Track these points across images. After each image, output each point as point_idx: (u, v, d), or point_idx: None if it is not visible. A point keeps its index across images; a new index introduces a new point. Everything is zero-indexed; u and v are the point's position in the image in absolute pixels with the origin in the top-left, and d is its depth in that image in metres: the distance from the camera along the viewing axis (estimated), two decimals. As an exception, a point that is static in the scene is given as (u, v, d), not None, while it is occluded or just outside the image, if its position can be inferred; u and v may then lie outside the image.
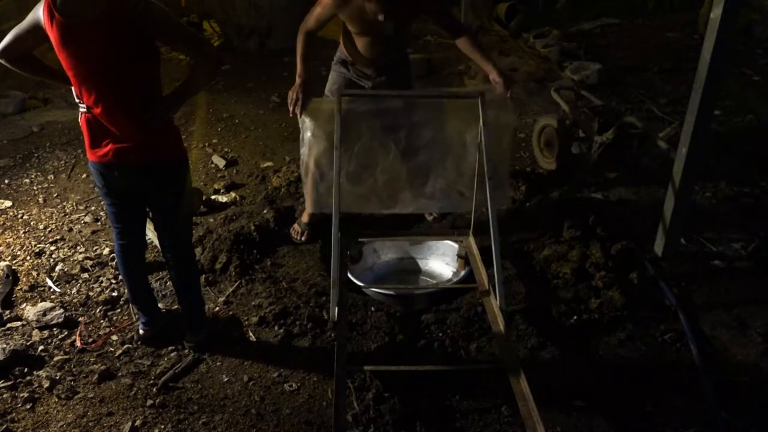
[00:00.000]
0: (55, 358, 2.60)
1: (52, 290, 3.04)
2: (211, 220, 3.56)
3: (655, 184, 3.75)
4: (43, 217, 3.69)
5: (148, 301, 2.66)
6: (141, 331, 2.67)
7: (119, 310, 2.89)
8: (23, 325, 2.79)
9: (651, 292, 2.92)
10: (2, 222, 3.65)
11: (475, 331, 2.66)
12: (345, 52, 3.02)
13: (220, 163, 4.33)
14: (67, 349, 2.66)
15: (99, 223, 3.62)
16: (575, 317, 2.74)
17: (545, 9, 8.21)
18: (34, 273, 3.17)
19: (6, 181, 4.13)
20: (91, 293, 3.00)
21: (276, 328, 2.71)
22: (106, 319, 2.84)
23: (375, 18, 2.63)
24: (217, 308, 2.88)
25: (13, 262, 3.26)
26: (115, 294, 2.98)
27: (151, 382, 2.47)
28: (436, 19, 2.97)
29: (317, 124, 2.77)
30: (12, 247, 3.39)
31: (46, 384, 2.45)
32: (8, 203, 3.85)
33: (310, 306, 2.82)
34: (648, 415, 2.31)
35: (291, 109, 2.78)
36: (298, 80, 2.81)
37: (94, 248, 3.37)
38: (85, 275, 3.13)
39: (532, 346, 2.59)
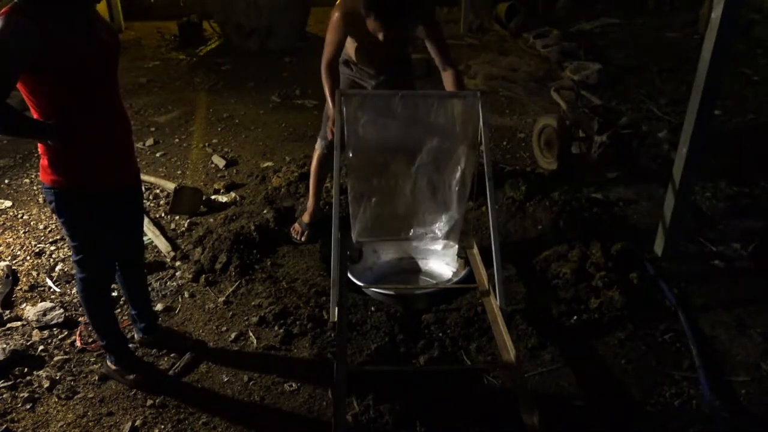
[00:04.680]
0: (55, 358, 2.60)
1: (52, 290, 3.04)
2: (211, 220, 3.57)
3: (655, 184, 3.75)
4: (43, 217, 3.69)
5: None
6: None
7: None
8: (23, 325, 2.79)
9: (651, 292, 2.92)
10: (2, 222, 3.65)
11: (475, 331, 2.66)
12: (348, 53, 3.03)
13: (220, 163, 4.33)
14: (67, 349, 2.66)
15: (99, 223, 3.62)
16: (575, 317, 2.74)
17: (545, 9, 8.21)
18: (34, 273, 3.17)
19: (6, 181, 4.13)
20: (91, 293, 3.00)
21: (276, 328, 2.71)
22: (106, 319, 2.84)
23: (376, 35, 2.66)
24: (216, 307, 2.88)
25: (13, 262, 3.26)
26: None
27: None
28: (430, 37, 2.93)
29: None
30: (12, 247, 3.39)
31: (46, 384, 2.45)
32: (8, 203, 3.85)
33: (310, 306, 2.82)
34: (648, 415, 2.31)
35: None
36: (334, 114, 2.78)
37: (94, 248, 3.37)
38: (85, 275, 3.13)
39: (532, 346, 2.59)
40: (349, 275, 2.90)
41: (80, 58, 1.90)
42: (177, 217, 3.65)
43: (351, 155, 2.68)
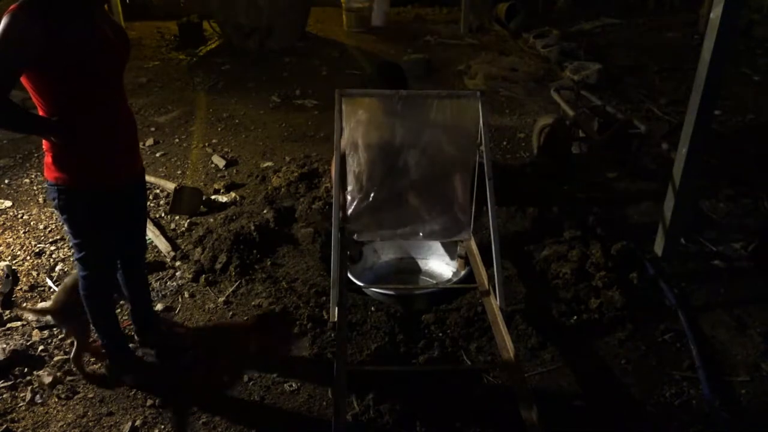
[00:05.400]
0: (55, 358, 2.60)
1: (52, 290, 3.04)
2: (211, 220, 3.56)
3: (655, 184, 3.75)
4: (43, 217, 3.69)
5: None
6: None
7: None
8: (23, 325, 2.79)
9: (651, 292, 2.92)
10: (2, 222, 3.65)
11: (475, 331, 2.66)
12: None
13: (220, 163, 4.33)
14: (67, 349, 2.66)
15: (99, 223, 3.62)
16: (575, 317, 2.74)
17: (545, 9, 8.22)
18: (34, 273, 3.17)
19: (6, 181, 4.13)
20: (91, 293, 2.99)
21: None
22: (106, 319, 2.84)
23: None
24: (216, 307, 2.88)
25: (13, 262, 3.26)
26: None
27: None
28: None
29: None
30: (12, 247, 3.39)
31: (46, 384, 2.45)
32: (8, 203, 3.85)
33: (310, 306, 2.82)
34: (648, 415, 2.31)
35: None
36: None
37: (94, 248, 3.36)
38: (85, 275, 3.13)
39: (532, 346, 2.59)
40: (349, 275, 2.90)
41: (84, 57, 1.90)
42: (177, 217, 3.65)
43: (350, 154, 2.69)
